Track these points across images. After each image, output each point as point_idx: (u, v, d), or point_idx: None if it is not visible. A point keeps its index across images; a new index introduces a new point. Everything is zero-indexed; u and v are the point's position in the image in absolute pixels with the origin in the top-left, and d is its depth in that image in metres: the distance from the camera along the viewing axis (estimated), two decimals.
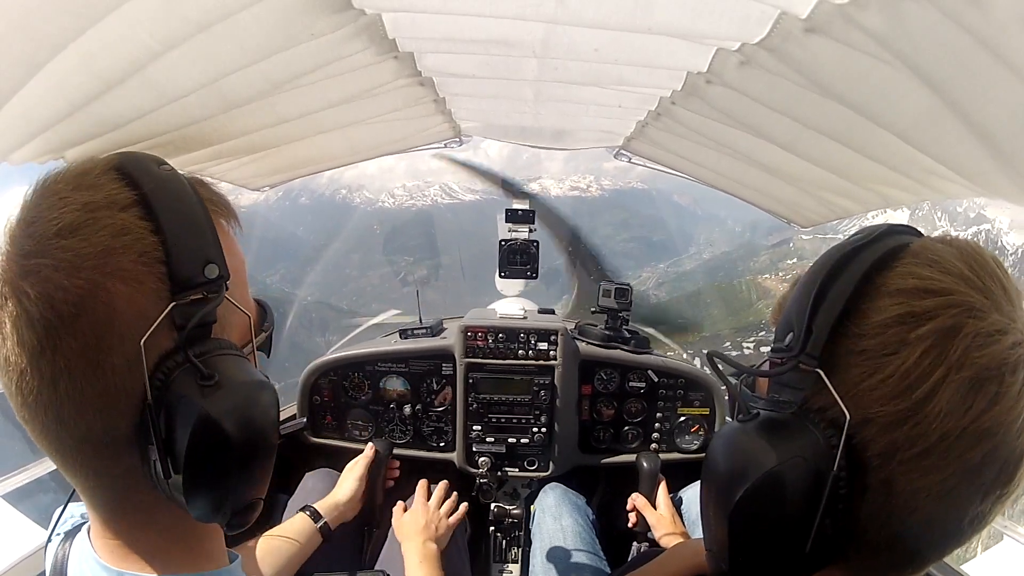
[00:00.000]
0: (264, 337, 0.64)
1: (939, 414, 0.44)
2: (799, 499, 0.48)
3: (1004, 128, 0.82)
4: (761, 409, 0.54)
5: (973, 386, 0.44)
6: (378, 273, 63.58)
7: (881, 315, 0.48)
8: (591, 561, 1.51)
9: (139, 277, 0.48)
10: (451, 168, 24.94)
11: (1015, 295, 0.48)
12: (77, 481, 0.53)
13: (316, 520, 1.38)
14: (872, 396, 0.47)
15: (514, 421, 1.77)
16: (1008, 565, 1.37)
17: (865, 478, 0.48)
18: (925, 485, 0.46)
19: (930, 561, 0.52)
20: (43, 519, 1.28)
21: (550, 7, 1.02)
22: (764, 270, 47.54)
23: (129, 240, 0.48)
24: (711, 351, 0.57)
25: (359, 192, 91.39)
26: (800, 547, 0.48)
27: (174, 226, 0.50)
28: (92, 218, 0.48)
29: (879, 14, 0.77)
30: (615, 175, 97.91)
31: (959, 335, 0.45)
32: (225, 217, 0.60)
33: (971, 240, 0.51)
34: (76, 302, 0.46)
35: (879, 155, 1.15)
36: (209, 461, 0.48)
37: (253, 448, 0.51)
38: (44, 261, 0.46)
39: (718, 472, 0.54)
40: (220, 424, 0.48)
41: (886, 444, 0.46)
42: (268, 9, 0.91)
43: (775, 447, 0.49)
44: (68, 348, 0.46)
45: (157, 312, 0.48)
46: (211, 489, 0.50)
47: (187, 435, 0.47)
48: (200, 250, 0.51)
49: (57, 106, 0.88)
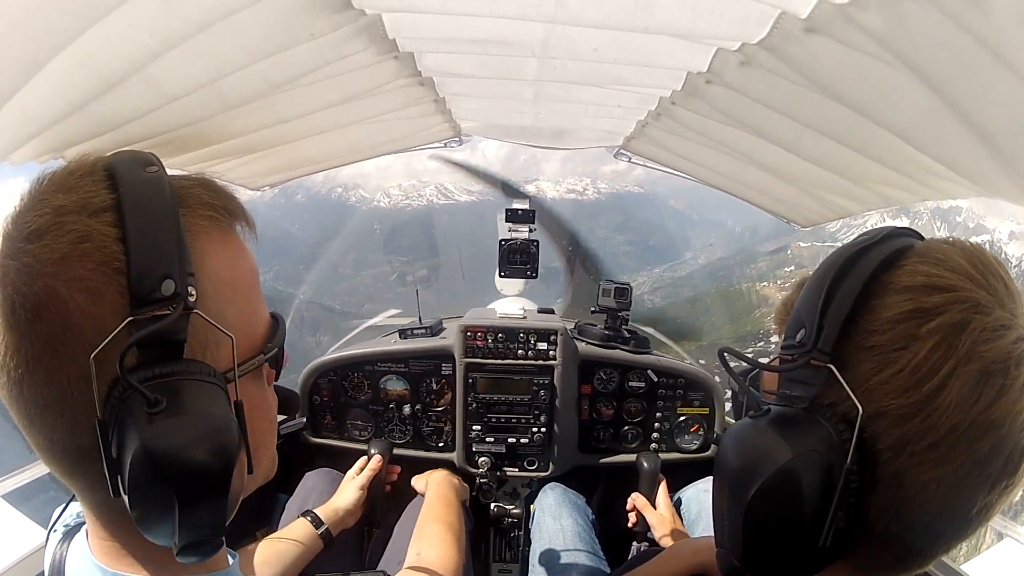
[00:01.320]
0: (265, 359, 0.57)
1: (949, 406, 0.46)
2: (813, 493, 0.48)
3: (1004, 128, 0.82)
4: (772, 405, 0.54)
5: (980, 379, 0.46)
6: (372, 272, 63.42)
7: (891, 311, 0.49)
8: (591, 561, 1.52)
9: (98, 288, 0.45)
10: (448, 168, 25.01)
11: (1016, 293, 0.50)
12: (62, 479, 0.52)
13: (318, 526, 1.38)
14: (883, 390, 0.48)
15: (514, 421, 1.77)
16: (1008, 565, 1.37)
17: (876, 471, 0.48)
18: (935, 477, 0.47)
19: (937, 554, 0.52)
20: (43, 519, 1.27)
21: (550, 7, 1.02)
22: (762, 277, 47.50)
23: (89, 247, 0.46)
24: (723, 347, 0.57)
25: (355, 191, 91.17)
26: (813, 541, 0.48)
27: (139, 234, 0.46)
28: (59, 222, 0.46)
29: (879, 14, 0.77)
30: (612, 178, 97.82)
31: (967, 330, 0.46)
32: (229, 223, 0.55)
33: (974, 242, 0.52)
34: (33, 308, 0.45)
35: (879, 155, 1.15)
36: (150, 491, 0.45)
37: (197, 485, 0.46)
38: (12, 264, 0.45)
39: (731, 468, 0.54)
40: (160, 455, 0.44)
41: (897, 437, 0.47)
42: (268, 9, 0.91)
43: (788, 442, 0.50)
44: (27, 351, 0.45)
45: (115, 326, 0.45)
46: (155, 518, 0.47)
47: (128, 460, 0.44)
48: (160, 263, 0.46)
49: (57, 106, 0.88)
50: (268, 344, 0.57)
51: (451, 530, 1.27)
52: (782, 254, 45.07)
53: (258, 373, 0.58)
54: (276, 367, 0.61)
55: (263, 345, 0.57)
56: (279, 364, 0.61)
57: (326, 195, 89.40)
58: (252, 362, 0.55)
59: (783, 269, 44.26)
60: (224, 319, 0.50)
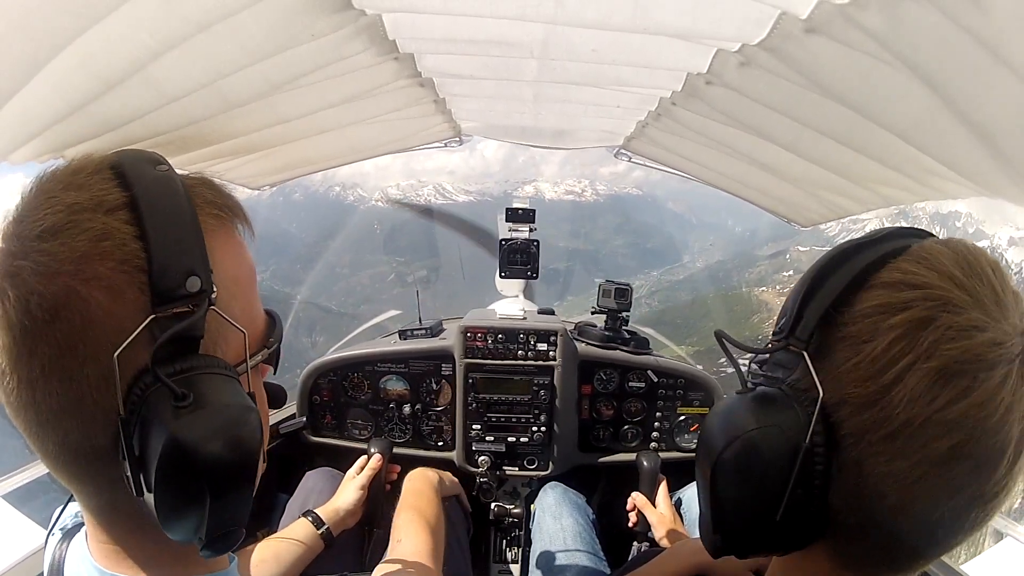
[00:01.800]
0: (268, 353, 0.59)
1: (903, 400, 0.46)
2: (772, 466, 0.51)
3: (1004, 128, 0.82)
4: (757, 384, 0.57)
5: (941, 377, 0.46)
6: (369, 272, 63.26)
7: (863, 304, 0.50)
8: (591, 561, 1.51)
9: (118, 286, 0.45)
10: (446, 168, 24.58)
11: (1009, 300, 0.48)
12: (67, 484, 0.51)
13: (318, 526, 1.38)
14: (848, 378, 0.50)
15: (513, 420, 1.77)
16: (1008, 565, 1.37)
17: (839, 457, 0.50)
18: (892, 471, 0.47)
19: (907, 556, 0.52)
20: (43, 519, 1.28)
21: (550, 8, 1.02)
22: (760, 282, 47.33)
23: (109, 246, 0.45)
24: (719, 331, 0.60)
25: (353, 190, 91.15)
26: (772, 514, 0.51)
27: (159, 232, 0.46)
28: (74, 220, 0.45)
29: (879, 14, 0.77)
30: (611, 180, 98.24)
31: (930, 326, 0.46)
32: (232, 221, 0.56)
33: (973, 244, 0.52)
34: (50, 308, 0.44)
35: (879, 155, 1.15)
36: (179, 485, 0.45)
37: (228, 476, 0.47)
38: (25, 264, 0.44)
39: (703, 439, 0.58)
40: (192, 449, 0.44)
41: (857, 425, 0.49)
42: (268, 9, 0.91)
43: (755, 416, 0.53)
44: (43, 354, 0.45)
45: (136, 324, 0.45)
46: (182, 514, 0.47)
47: (157, 457, 0.44)
48: (183, 259, 0.47)
49: (57, 106, 0.88)
50: (269, 339, 0.59)
51: (422, 516, 1.28)
52: (780, 258, 44.92)
53: (259, 367, 0.59)
54: (274, 362, 0.62)
55: (265, 340, 0.59)
56: (277, 359, 0.62)
57: (324, 194, 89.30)
58: (257, 356, 0.57)
59: (781, 274, 44.07)
60: (231, 314, 0.51)
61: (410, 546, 1.16)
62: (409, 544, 1.17)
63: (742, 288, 47.75)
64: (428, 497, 1.40)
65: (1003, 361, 0.46)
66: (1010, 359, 0.46)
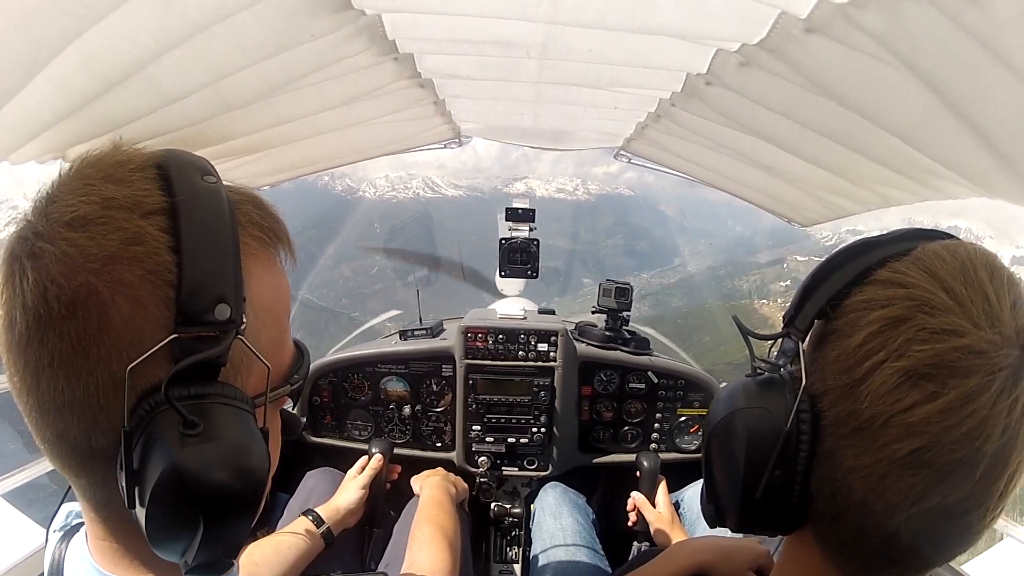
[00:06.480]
0: (290, 389, 0.55)
1: (869, 395, 0.47)
2: (753, 444, 0.53)
3: (1004, 128, 0.82)
4: (762, 369, 0.60)
5: (908, 377, 0.45)
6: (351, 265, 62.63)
7: (853, 299, 0.52)
8: (591, 560, 1.51)
9: (142, 297, 0.43)
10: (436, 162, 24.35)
11: (1004, 310, 0.46)
12: (62, 473, 0.50)
13: (319, 525, 1.38)
14: (829, 370, 0.51)
15: (513, 421, 1.77)
16: (1008, 565, 1.37)
17: (819, 446, 0.52)
18: (858, 466, 0.48)
19: (879, 556, 0.52)
20: (43, 519, 1.27)
21: (549, 8, 1.03)
22: (755, 293, 46.76)
23: (140, 251, 0.43)
24: (735, 315, 0.63)
25: (341, 180, 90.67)
26: (753, 491, 0.53)
27: (195, 247, 0.44)
28: (107, 216, 0.43)
29: (879, 14, 0.77)
30: (603, 180, 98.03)
31: (904, 325, 0.47)
32: (275, 246, 0.53)
33: (980, 248, 0.51)
34: (68, 303, 0.42)
35: (879, 155, 1.15)
36: (174, 510, 0.44)
37: (226, 511, 0.45)
38: (49, 248, 0.42)
39: (707, 414, 0.62)
40: (193, 479, 0.42)
41: (834, 415, 0.51)
42: (268, 9, 0.92)
43: (749, 396, 0.56)
44: (53, 347, 0.43)
45: (155, 340, 0.43)
46: (173, 536, 0.45)
47: (156, 477, 0.42)
48: (216, 282, 0.44)
49: (58, 106, 0.88)
50: (295, 376, 0.56)
51: (442, 531, 1.27)
52: (778, 267, 44.55)
53: (278, 402, 0.57)
54: (295, 397, 0.60)
55: (289, 375, 0.56)
56: (298, 395, 0.60)
57: (313, 182, 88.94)
58: (278, 391, 0.54)
59: (777, 284, 43.64)
60: (257, 344, 0.48)
61: (428, 563, 1.15)
62: (427, 560, 1.16)
63: (741, 301, 47.31)
64: (448, 511, 1.39)
65: (981, 371, 0.44)
66: (991, 370, 0.44)
